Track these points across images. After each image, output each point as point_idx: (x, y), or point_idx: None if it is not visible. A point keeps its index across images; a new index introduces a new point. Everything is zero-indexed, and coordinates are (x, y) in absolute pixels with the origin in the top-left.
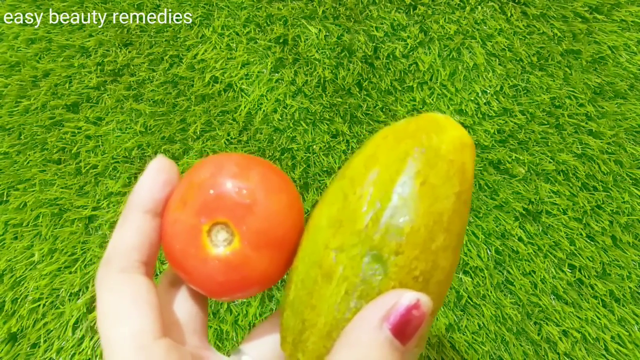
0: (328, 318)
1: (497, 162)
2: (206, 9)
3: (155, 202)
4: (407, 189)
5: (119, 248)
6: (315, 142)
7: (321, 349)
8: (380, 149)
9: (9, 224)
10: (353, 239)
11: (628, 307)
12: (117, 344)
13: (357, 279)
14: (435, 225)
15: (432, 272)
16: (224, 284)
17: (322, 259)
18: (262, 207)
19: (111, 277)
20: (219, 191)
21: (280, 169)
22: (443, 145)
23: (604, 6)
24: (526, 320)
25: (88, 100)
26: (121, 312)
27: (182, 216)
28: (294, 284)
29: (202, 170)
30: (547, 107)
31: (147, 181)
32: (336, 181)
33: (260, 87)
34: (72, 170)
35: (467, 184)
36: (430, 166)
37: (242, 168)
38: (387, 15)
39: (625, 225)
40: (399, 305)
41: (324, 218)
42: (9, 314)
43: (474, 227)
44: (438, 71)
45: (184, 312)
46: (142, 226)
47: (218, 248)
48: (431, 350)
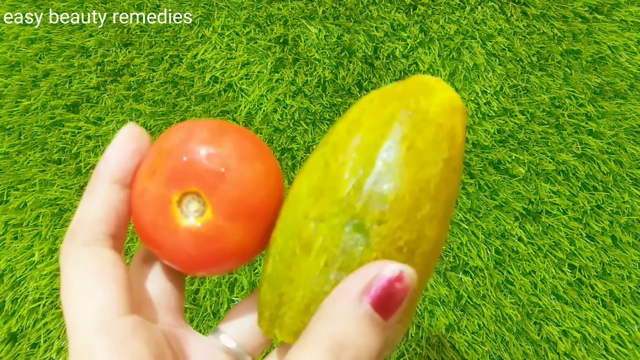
0: (306, 291)
1: (497, 162)
2: (206, 9)
3: (124, 172)
4: (392, 154)
5: (84, 220)
6: (315, 142)
7: (299, 324)
8: (365, 113)
9: (9, 224)
10: (334, 208)
11: (628, 307)
12: (79, 320)
13: (338, 250)
14: (421, 192)
15: (418, 242)
16: (196, 258)
17: (301, 230)
18: (235, 175)
19: (75, 251)
20: (189, 158)
21: (257, 136)
22: (432, 108)
23: (604, 6)
24: (526, 320)
25: (88, 100)
26: (84, 287)
27: (151, 186)
28: (272, 256)
29: (171, 136)
30: (547, 107)
31: (116, 150)
32: (318, 148)
33: (260, 87)
34: (72, 170)
35: (456, 149)
36: (417, 130)
37: (214, 134)
38: (387, 15)
39: (625, 225)
40: (381, 277)
41: (304, 186)
42: (9, 314)
43: (474, 227)
44: (438, 71)
45: (157, 289)
46: (109, 197)
47: (189, 219)
48: (431, 350)
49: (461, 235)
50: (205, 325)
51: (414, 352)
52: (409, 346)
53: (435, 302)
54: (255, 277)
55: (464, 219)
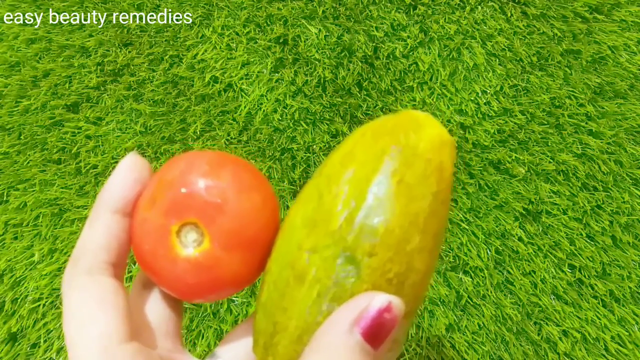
0: (299, 321)
1: (497, 162)
2: (206, 9)
3: (125, 202)
4: (382, 188)
5: (86, 249)
6: (315, 142)
7: (292, 353)
8: (357, 146)
9: (9, 224)
10: (327, 240)
11: (628, 307)
12: (81, 346)
13: (330, 281)
14: (410, 226)
15: (407, 274)
16: (194, 286)
17: (295, 260)
18: (232, 207)
19: (78, 278)
20: (188, 190)
21: (255, 167)
22: (421, 144)
23: (604, 6)
24: (526, 320)
25: (88, 100)
26: (86, 315)
27: (151, 216)
28: (267, 285)
29: (172, 168)
30: (547, 107)
31: (117, 179)
32: (313, 179)
33: (260, 87)
34: (72, 170)
35: (444, 183)
36: (407, 165)
37: (213, 166)
38: (387, 15)
39: (625, 225)
40: (370, 308)
41: (298, 217)
42: (9, 314)
43: (474, 227)
44: (438, 71)
45: (156, 315)
46: (111, 226)
47: (188, 249)
48: (431, 350)
49: (461, 235)
50: (205, 325)
51: (414, 352)
52: (409, 346)
53: (435, 302)
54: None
55: (464, 219)
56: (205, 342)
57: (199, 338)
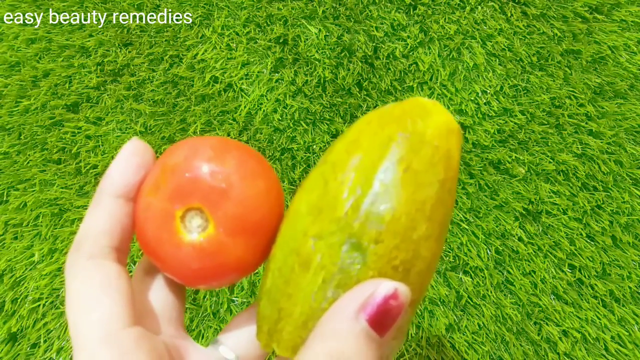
0: (304, 308)
1: (497, 162)
2: (206, 9)
3: (128, 187)
4: (389, 176)
5: (89, 233)
6: (315, 142)
7: (296, 339)
8: (363, 133)
9: (9, 224)
10: (332, 227)
11: (628, 307)
12: (84, 331)
13: (335, 268)
14: (417, 213)
15: (413, 261)
16: (198, 272)
17: (300, 247)
18: (237, 192)
19: (80, 263)
20: (193, 175)
21: (259, 154)
22: (428, 131)
23: (604, 6)
24: (526, 320)
25: (88, 100)
26: (89, 299)
27: (155, 201)
28: (271, 271)
29: (176, 153)
30: (547, 107)
31: (120, 164)
32: (318, 166)
33: (260, 87)
34: (72, 170)
35: (452, 171)
36: (414, 152)
37: (217, 151)
38: (387, 15)
39: (625, 225)
40: (376, 294)
41: (303, 204)
42: (9, 314)
43: (474, 227)
44: (438, 71)
45: (159, 301)
46: (114, 211)
47: (192, 234)
48: (431, 350)
49: (461, 235)
50: (205, 325)
51: (414, 352)
52: (409, 346)
53: (435, 302)
54: (256, 278)
55: (464, 219)
56: (205, 342)
57: (199, 338)
